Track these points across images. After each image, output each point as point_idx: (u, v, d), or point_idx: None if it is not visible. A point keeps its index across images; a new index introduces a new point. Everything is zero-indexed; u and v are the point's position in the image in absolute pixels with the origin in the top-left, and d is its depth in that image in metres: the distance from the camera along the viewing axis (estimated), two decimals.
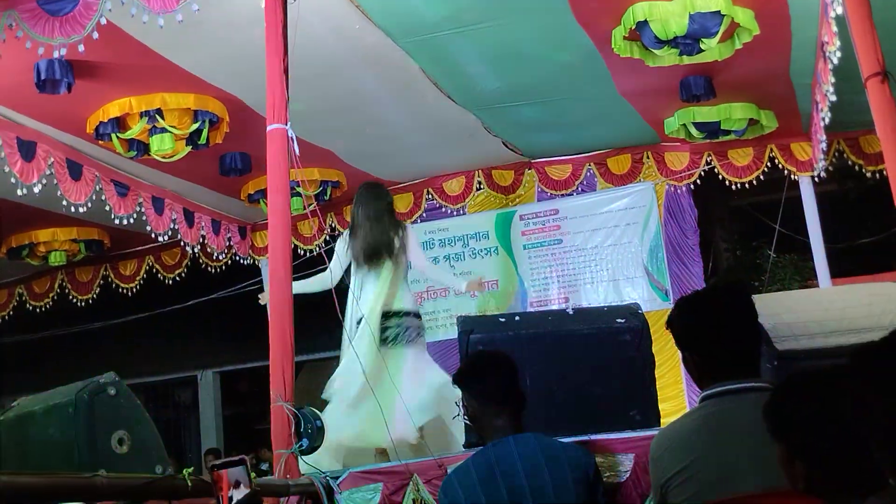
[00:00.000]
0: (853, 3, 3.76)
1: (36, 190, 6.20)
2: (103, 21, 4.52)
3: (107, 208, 7.11)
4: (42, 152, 6.23)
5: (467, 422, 3.35)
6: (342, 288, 5.27)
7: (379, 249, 5.47)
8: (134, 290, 9.67)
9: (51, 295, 9.80)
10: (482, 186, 9.08)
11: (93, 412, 3.73)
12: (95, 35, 4.54)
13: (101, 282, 9.70)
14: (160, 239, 8.03)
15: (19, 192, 6.16)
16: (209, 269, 9.45)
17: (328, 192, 8.30)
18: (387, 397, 4.78)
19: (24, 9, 4.59)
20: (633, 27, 5.45)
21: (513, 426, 3.02)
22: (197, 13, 4.42)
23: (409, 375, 5.17)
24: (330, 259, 5.37)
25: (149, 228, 7.73)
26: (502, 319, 4.40)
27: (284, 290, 3.98)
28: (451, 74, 6.51)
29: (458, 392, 3.27)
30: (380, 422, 4.41)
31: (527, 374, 3.62)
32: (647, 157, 8.66)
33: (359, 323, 5.28)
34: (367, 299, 5.33)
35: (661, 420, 4.08)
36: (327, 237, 9.05)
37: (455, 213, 9.16)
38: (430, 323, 9.08)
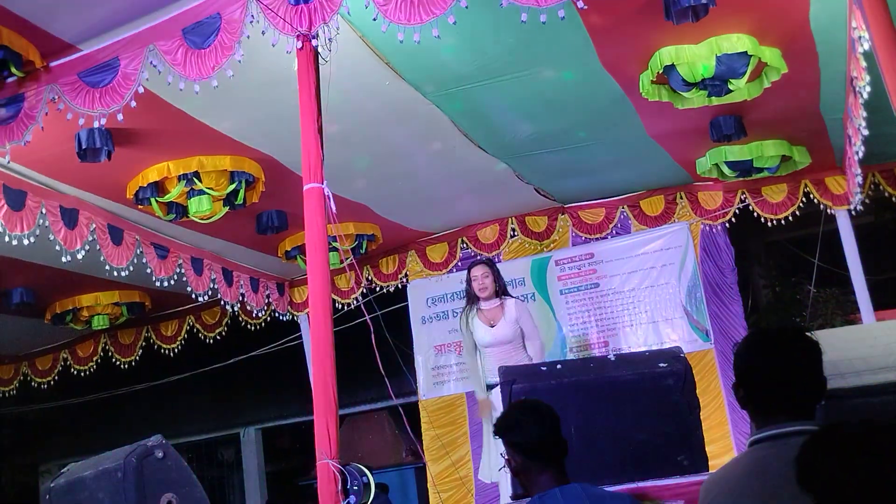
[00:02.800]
0: (881, 39, 3.76)
1: (79, 256, 6.33)
2: (141, 90, 4.63)
3: (147, 271, 7.22)
4: (84, 219, 6.36)
5: (511, 474, 3.28)
6: (381, 339, 5.27)
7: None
8: (175, 350, 9.77)
9: (94, 358, 9.92)
10: (516, 233, 9.11)
11: (141, 476, 3.78)
12: (133, 104, 4.65)
13: (144, 343, 9.81)
14: (200, 299, 8.13)
15: (64, 259, 6.29)
16: (249, 326, 9.54)
17: (364, 246, 8.36)
18: None
19: (65, 82, 4.73)
20: (661, 71, 5.49)
21: (557, 477, 2.98)
22: (231, 77, 4.52)
23: None
24: (368, 312, 5.39)
25: (189, 289, 7.83)
26: (544, 368, 4.39)
27: (326, 345, 4.01)
28: (480, 125, 6.58)
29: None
30: None
31: (570, 422, 3.61)
32: (681, 198, 8.65)
33: (489, 388, 6.19)
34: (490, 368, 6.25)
35: (710, 463, 4.03)
36: (364, 290, 9.11)
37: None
38: (468, 372, 9.03)
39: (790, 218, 8.35)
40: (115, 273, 6.88)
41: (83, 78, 4.69)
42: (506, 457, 3.13)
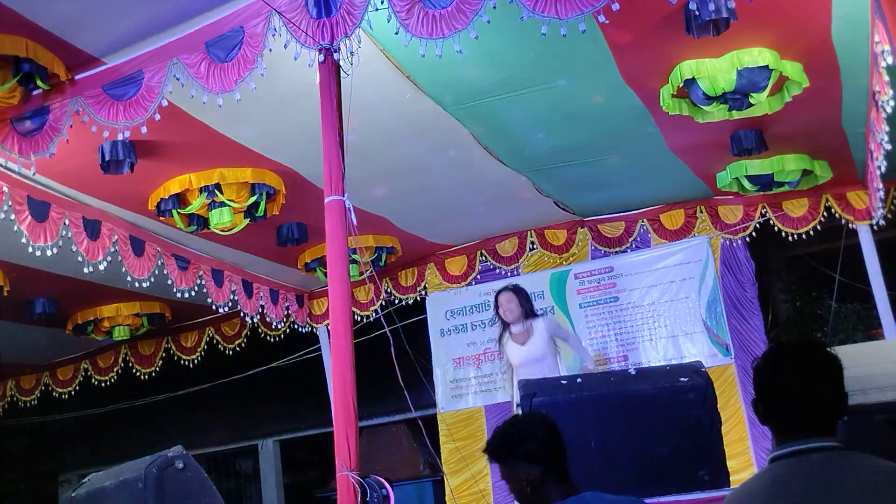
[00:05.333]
0: None
1: (101, 267, 6.38)
2: (164, 103, 4.67)
3: (168, 282, 7.26)
4: (106, 230, 6.42)
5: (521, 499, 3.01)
6: (399, 352, 5.27)
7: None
8: (195, 361, 9.81)
9: (115, 369, 9.98)
10: (535, 246, 9.11)
11: (162, 486, 3.79)
12: (157, 116, 4.69)
13: (164, 354, 9.87)
14: (220, 310, 8.17)
15: (86, 270, 6.34)
16: (268, 338, 9.57)
17: (383, 258, 8.37)
18: None
19: (90, 95, 4.78)
20: (681, 85, 5.49)
21: (570, 487, 2.85)
22: (253, 90, 4.55)
23: None
24: (387, 324, 5.40)
25: (209, 300, 7.87)
26: (564, 382, 4.38)
27: (346, 357, 4.02)
28: (500, 138, 6.59)
29: None
30: None
31: (591, 436, 3.61)
32: (701, 212, 8.62)
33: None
34: None
35: (731, 479, 4.01)
36: (383, 302, 9.12)
37: (509, 273, 9.17)
38: (488, 385, 9.08)
39: (811, 232, 8.31)
40: (137, 284, 6.93)
41: (107, 91, 4.74)
42: (519, 476, 2.90)
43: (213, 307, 8.01)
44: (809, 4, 4.78)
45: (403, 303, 9.49)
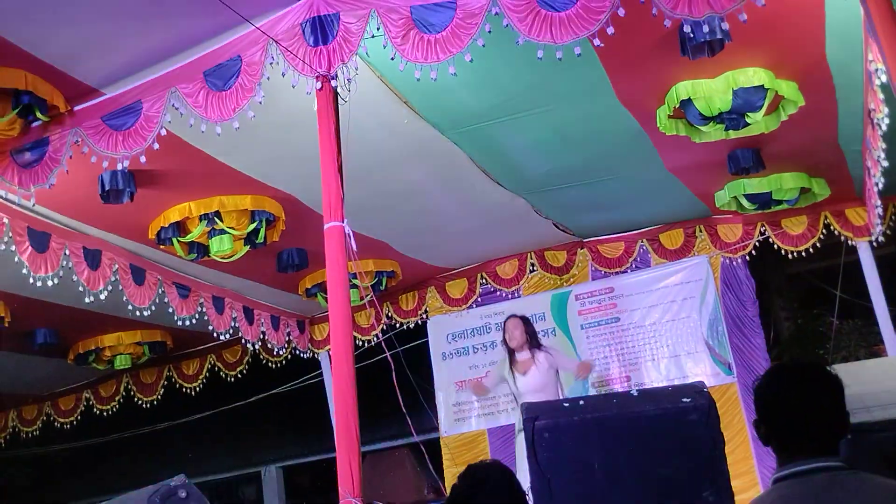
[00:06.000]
0: None
1: (102, 297, 6.38)
2: (163, 132, 4.70)
3: (169, 310, 7.27)
4: (107, 260, 6.43)
5: None
6: (401, 376, 5.27)
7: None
8: (197, 389, 9.80)
9: (117, 398, 9.97)
10: (535, 268, 9.12)
11: None
12: (156, 146, 4.71)
13: (165, 382, 9.85)
14: (221, 337, 8.16)
15: (87, 300, 6.35)
16: (269, 364, 9.56)
17: (384, 283, 8.38)
18: None
19: (89, 125, 4.80)
20: (677, 106, 5.51)
21: None
22: (252, 118, 4.58)
23: None
24: (388, 348, 5.41)
25: (210, 328, 7.86)
26: (566, 404, 4.36)
27: (348, 383, 4.02)
28: (499, 161, 6.61)
29: None
30: None
31: (594, 458, 3.59)
32: (700, 231, 8.63)
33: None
34: None
35: (735, 499, 3.99)
36: (384, 326, 9.12)
37: (510, 296, 9.18)
38: (490, 408, 9.06)
39: (811, 250, 8.31)
40: (138, 313, 6.93)
41: (106, 121, 4.77)
42: None
43: (215, 334, 8.01)
44: (803, 24, 4.81)
45: (405, 327, 9.49)
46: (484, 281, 9.28)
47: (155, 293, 6.97)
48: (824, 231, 8.23)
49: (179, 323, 7.48)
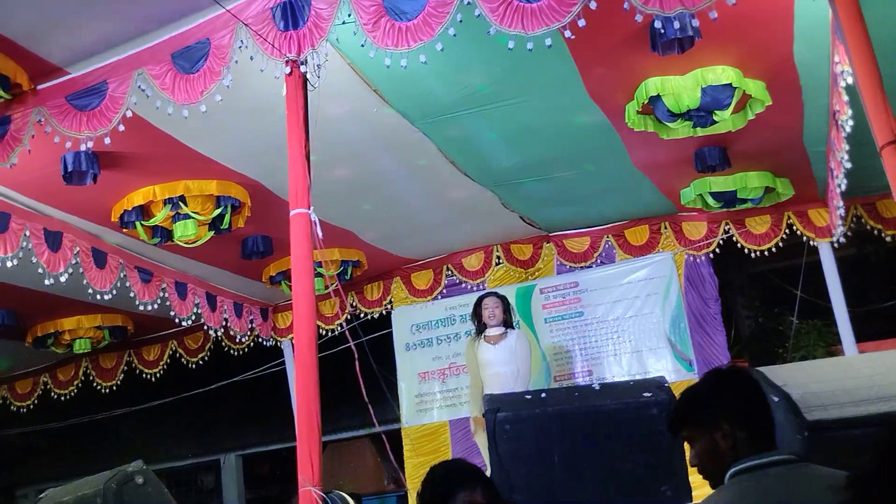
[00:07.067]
0: (864, 73, 3.81)
1: (62, 279, 6.29)
2: (129, 114, 4.63)
3: (131, 295, 7.18)
4: (68, 242, 6.34)
5: None
6: (364, 366, 5.25)
7: None
8: (157, 375, 9.70)
9: (75, 382, 9.83)
10: (501, 261, 9.13)
11: (121, 502, 3.73)
12: (121, 127, 4.64)
13: (125, 368, 9.74)
14: (183, 324, 8.09)
15: (46, 282, 6.25)
16: (232, 351, 9.49)
17: (349, 272, 8.35)
18: None
19: (53, 105, 4.72)
20: (646, 101, 5.54)
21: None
22: (219, 102, 4.53)
23: None
24: (352, 338, 5.38)
25: (172, 313, 7.79)
26: (528, 397, 4.39)
27: (310, 371, 3.99)
28: (467, 153, 6.60)
29: None
30: None
31: (555, 451, 3.61)
32: (665, 228, 8.68)
33: None
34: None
35: (693, 494, 4.03)
36: (349, 316, 9.09)
37: (475, 288, 9.18)
38: (452, 400, 9.08)
39: (773, 249, 8.40)
40: (98, 297, 6.84)
41: (71, 101, 4.69)
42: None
43: (177, 320, 7.93)
44: (772, 24, 4.85)
45: (369, 317, 9.47)
46: (450, 272, 9.28)
47: (116, 277, 6.89)
48: (787, 231, 8.32)
49: (141, 308, 7.40)
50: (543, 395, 4.48)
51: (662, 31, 4.44)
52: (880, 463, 1.77)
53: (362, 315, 9.42)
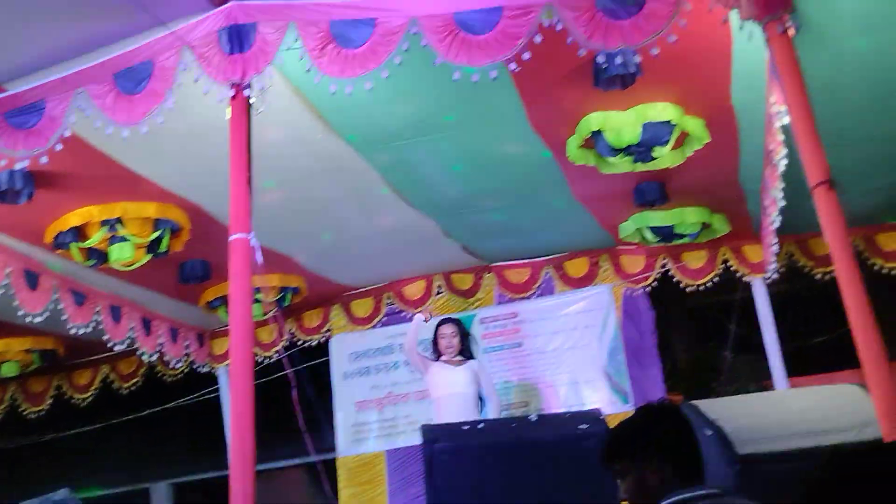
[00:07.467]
0: (798, 114, 3.91)
1: None
2: (67, 133, 4.55)
3: (63, 317, 7.01)
4: None
5: None
6: (301, 394, 5.21)
7: None
8: (88, 400, 9.46)
9: (1, 407, 9.54)
10: (442, 290, 9.12)
11: None
12: (59, 147, 4.56)
13: (55, 392, 9.48)
14: (116, 348, 7.91)
15: None
16: (166, 377, 9.32)
17: (288, 298, 8.27)
18: None
19: None
20: (588, 136, 5.62)
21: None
22: (161, 124, 4.47)
23: None
24: (290, 366, 5.34)
25: (106, 337, 7.62)
26: (466, 427, 4.38)
27: (246, 399, 3.94)
28: (410, 181, 6.61)
29: None
30: None
31: (493, 482, 3.60)
32: (604, 261, 8.77)
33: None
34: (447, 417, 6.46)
35: None
36: (286, 343, 9.00)
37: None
38: (389, 429, 9.02)
39: (709, 284, 8.53)
40: (29, 319, 6.66)
41: (7, 119, 4.58)
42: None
43: (110, 344, 7.76)
44: (711, 64, 4.96)
45: (307, 344, 9.38)
46: (390, 301, 9.24)
47: (49, 299, 6.72)
48: (723, 266, 8.46)
49: (73, 331, 7.22)
50: (481, 425, 4.48)
51: (605, 66, 4.52)
52: (809, 497, 1.81)
53: (300, 342, 9.33)
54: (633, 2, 4.04)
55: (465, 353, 7.12)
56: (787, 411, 4.19)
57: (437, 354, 7.12)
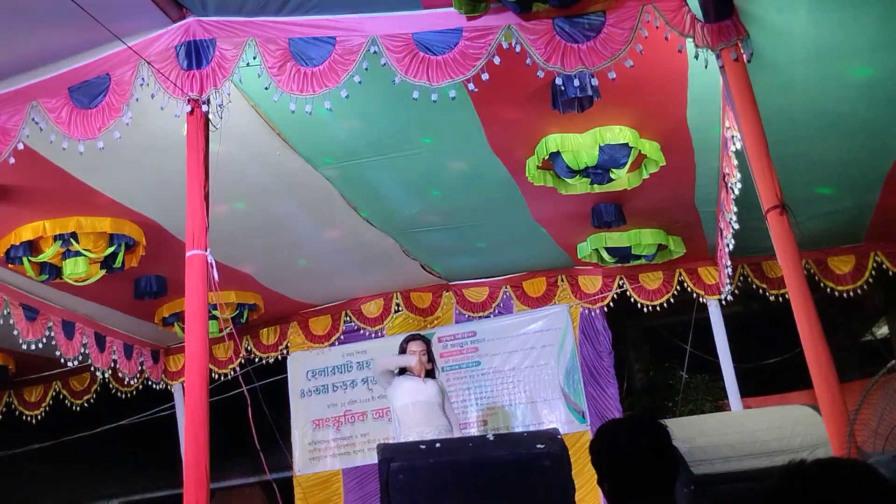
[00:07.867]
0: (751, 140, 3.98)
1: None
2: (20, 147, 4.49)
3: (14, 332, 6.89)
4: None
5: None
6: (257, 411, 5.16)
7: None
8: (38, 417, 9.30)
9: None
10: (400, 308, 9.11)
11: None
12: (12, 160, 4.49)
13: (4, 409, 9.30)
14: (69, 364, 7.79)
15: None
16: (119, 394, 9.18)
17: (245, 315, 8.21)
18: None
19: None
20: (546, 157, 5.66)
21: None
22: (118, 140, 4.43)
23: None
24: (246, 383, 5.28)
25: (58, 353, 7.50)
26: (423, 447, 4.37)
27: (200, 417, 3.90)
28: (370, 199, 6.61)
29: None
30: None
31: (448, 502, 3.59)
32: (562, 281, 8.83)
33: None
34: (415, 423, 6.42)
35: None
36: (243, 360, 8.93)
37: (374, 335, 9.14)
38: (346, 448, 8.97)
39: (665, 305, 8.62)
40: None
41: None
42: None
43: (62, 360, 7.64)
44: (667, 88, 5.03)
45: (264, 361, 9.31)
46: (348, 319, 9.22)
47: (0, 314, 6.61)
48: (678, 287, 8.56)
49: (24, 346, 7.10)
50: (437, 444, 4.47)
51: (563, 88, 4.57)
52: None
53: (257, 360, 9.25)
54: (591, 26, 4.10)
55: (431, 374, 6.84)
56: (741, 431, 4.24)
57: (403, 371, 6.86)
